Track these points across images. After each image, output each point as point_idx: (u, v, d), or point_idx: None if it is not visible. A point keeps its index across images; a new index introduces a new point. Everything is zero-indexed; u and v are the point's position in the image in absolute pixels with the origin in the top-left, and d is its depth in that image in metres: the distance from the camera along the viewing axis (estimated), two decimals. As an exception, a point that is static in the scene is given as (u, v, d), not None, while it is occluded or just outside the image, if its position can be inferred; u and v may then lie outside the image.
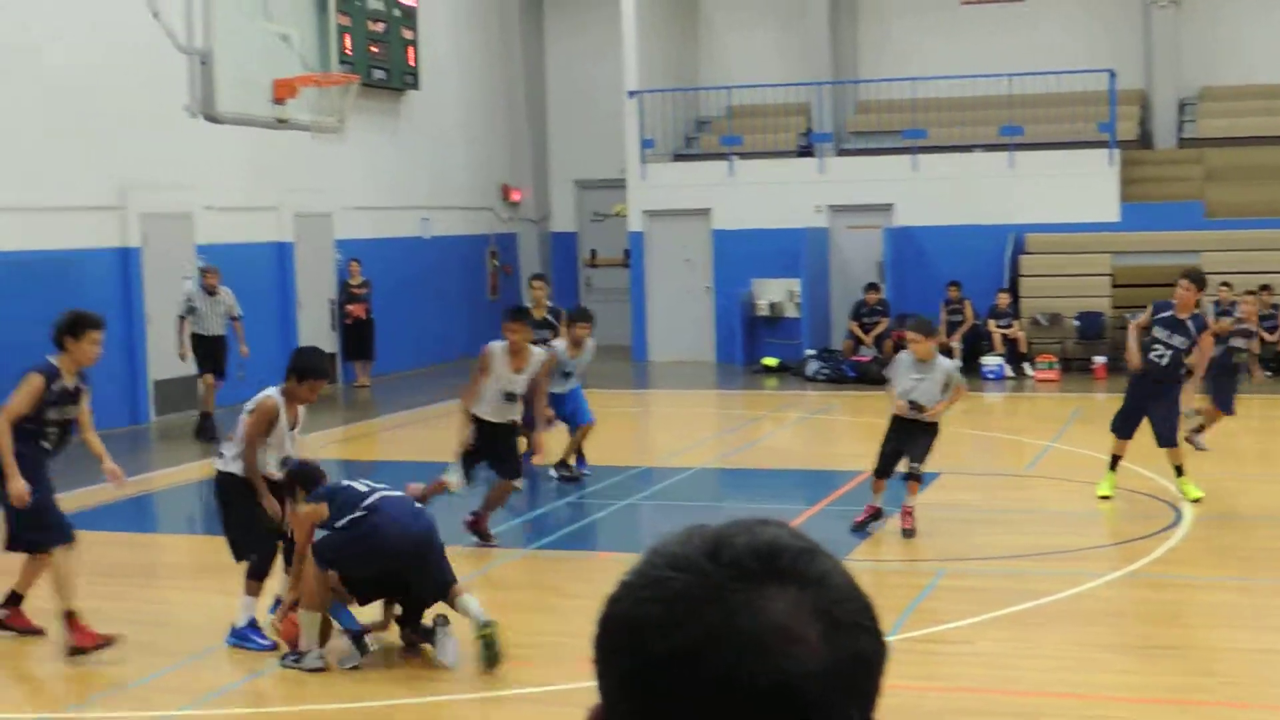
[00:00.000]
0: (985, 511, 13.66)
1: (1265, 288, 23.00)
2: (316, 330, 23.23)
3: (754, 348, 25.72)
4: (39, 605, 9.61)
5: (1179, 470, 13.39)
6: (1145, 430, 13.29)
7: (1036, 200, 24.84)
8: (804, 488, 15.28)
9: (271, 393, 9.54)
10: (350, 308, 23.72)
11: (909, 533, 12.21)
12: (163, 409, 19.91)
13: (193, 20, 15.83)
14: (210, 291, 18.57)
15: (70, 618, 9.22)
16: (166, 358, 19.92)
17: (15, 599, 9.71)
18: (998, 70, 26.49)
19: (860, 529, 12.39)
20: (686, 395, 22.93)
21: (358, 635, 8.95)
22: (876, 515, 12.55)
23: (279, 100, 16.90)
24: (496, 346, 12.25)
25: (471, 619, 8.87)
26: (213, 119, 16.39)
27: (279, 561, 9.47)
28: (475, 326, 28.08)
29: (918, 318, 13.21)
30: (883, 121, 27.78)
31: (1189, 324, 13.09)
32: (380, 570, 9.07)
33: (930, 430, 12.32)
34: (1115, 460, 13.62)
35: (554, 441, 15.44)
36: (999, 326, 23.75)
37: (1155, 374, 13.16)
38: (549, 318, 15.48)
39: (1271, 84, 27.07)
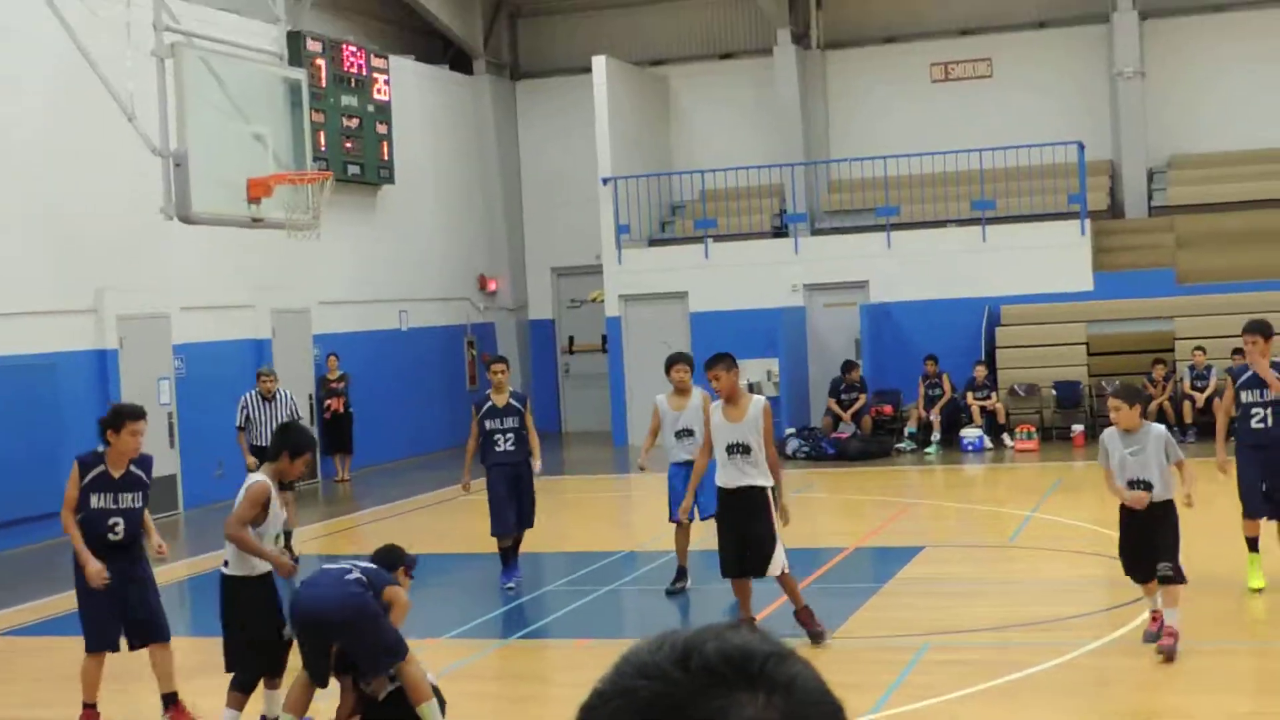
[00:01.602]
0: (970, 583, 13.62)
1: (1238, 351, 23.07)
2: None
3: (734, 428, 25.71)
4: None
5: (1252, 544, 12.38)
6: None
7: (1010, 272, 24.99)
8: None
9: (260, 476, 9.44)
10: (329, 402, 23.72)
11: (1168, 654, 10.24)
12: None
13: (168, 123, 15.98)
14: (267, 398, 17.02)
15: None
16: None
17: (169, 698, 9.91)
18: (968, 145, 26.73)
19: (1155, 640, 10.45)
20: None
21: None
22: (1158, 623, 10.58)
23: (254, 199, 17.02)
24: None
25: None
26: (187, 220, 16.51)
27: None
28: (454, 417, 28.06)
29: (1121, 383, 11.90)
30: (856, 200, 27.99)
31: (1273, 375, 12.10)
32: (305, 644, 8.96)
33: (1168, 516, 10.50)
34: (1252, 542, 12.41)
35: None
36: (977, 399, 23.81)
37: (1263, 440, 12.14)
38: (514, 402, 14.24)
39: (1237, 150, 27.36)
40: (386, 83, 26.11)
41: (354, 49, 25.33)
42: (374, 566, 9.16)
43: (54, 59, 18.40)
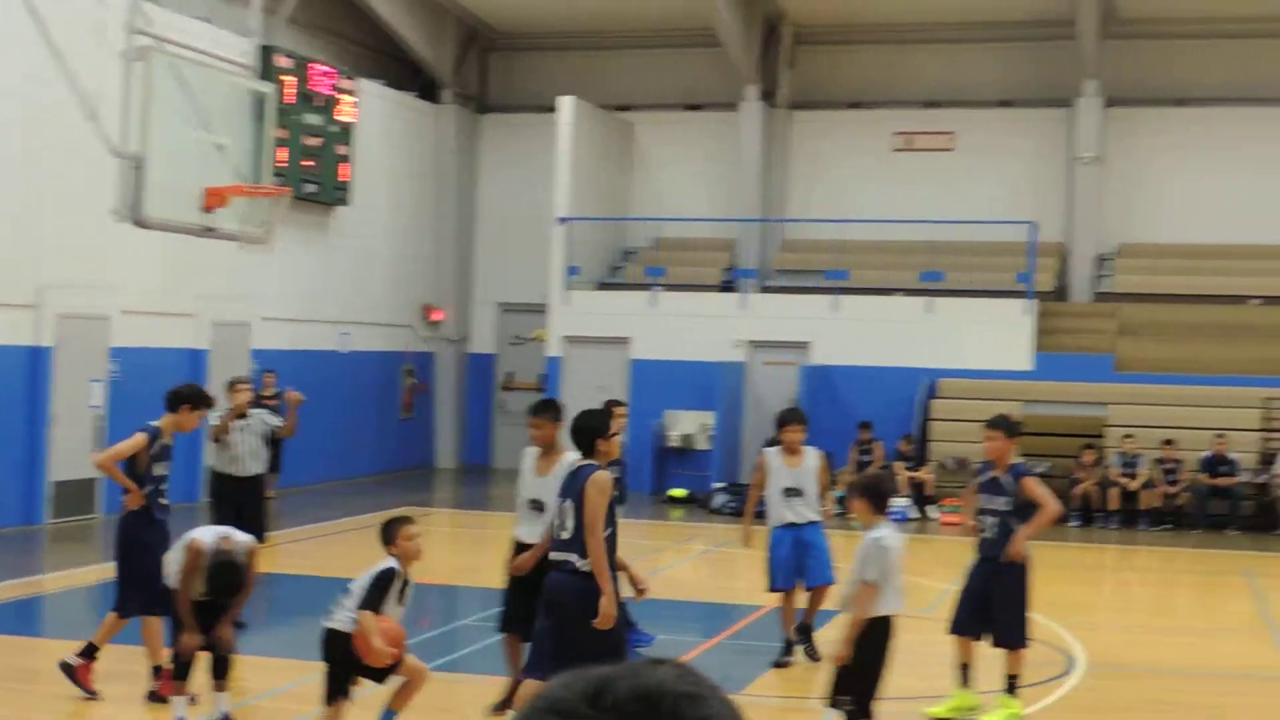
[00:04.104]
0: (880, 652, 13.63)
1: (1169, 442, 23.37)
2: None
3: (663, 478, 25.79)
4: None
5: (1011, 683, 10.92)
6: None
7: (952, 346, 25.17)
8: (702, 620, 15.26)
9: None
10: (263, 418, 23.57)
11: None
12: (60, 511, 19.64)
13: (129, 125, 15.91)
14: (241, 415, 14.17)
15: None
16: (67, 458, 19.69)
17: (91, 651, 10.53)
18: (923, 216, 26.97)
19: None
20: (596, 522, 22.95)
21: None
22: None
23: (208, 209, 16.93)
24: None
25: None
26: (140, 224, 16.43)
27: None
28: (385, 443, 28.04)
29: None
30: (806, 261, 28.14)
31: (1006, 479, 10.62)
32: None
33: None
34: (964, 669, 11.09)
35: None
36: (906, 468, 23.93)
37: (985, 552, 10.83)
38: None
39: (1186, 244, 27.69)
40: (353, 104, 26.14)
41: (323, 68, 25.37)
42: None
43: (20, 50, 18.33)
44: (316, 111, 25.10)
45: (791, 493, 12.38)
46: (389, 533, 9.28)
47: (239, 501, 13.73)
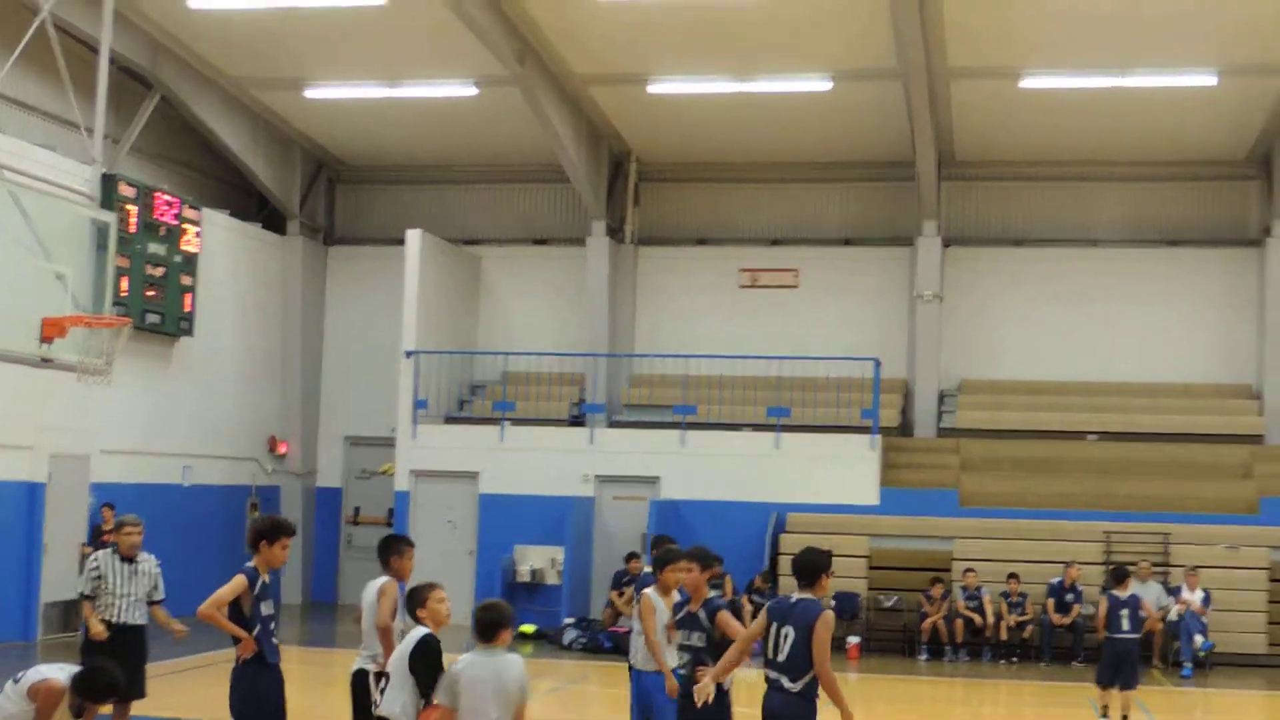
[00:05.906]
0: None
1: (1013, 576, 23.66)
2: (63, 575, 22.41)
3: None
4: None
5: None
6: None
7: (800, 481, 25.35)
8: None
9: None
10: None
11: None
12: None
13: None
14: (127, 558, 13.22)
15: None
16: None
17: None
18: (770, 352, 27.27)
19: None
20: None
21: None
22: None
23: (47, 339, 16.58)
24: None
25: None
26: (-27, 353, 16.02)
27: None
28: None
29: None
30: (655, 395, 28.26)
31: (700, 614, 10.11)
32: None
33: None
34: None
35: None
36: (754, 601, 23.89)
37: (683, 689, 10.06)
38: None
39: (1024, 380, 28.33)
40: (197, 234, 25.86)
41: (167, 197, 25.11)
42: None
43: None
44: (160, 241, 24.79)
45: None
46: (418, 597, 9.01)
47: (120, 655, 12.09)
